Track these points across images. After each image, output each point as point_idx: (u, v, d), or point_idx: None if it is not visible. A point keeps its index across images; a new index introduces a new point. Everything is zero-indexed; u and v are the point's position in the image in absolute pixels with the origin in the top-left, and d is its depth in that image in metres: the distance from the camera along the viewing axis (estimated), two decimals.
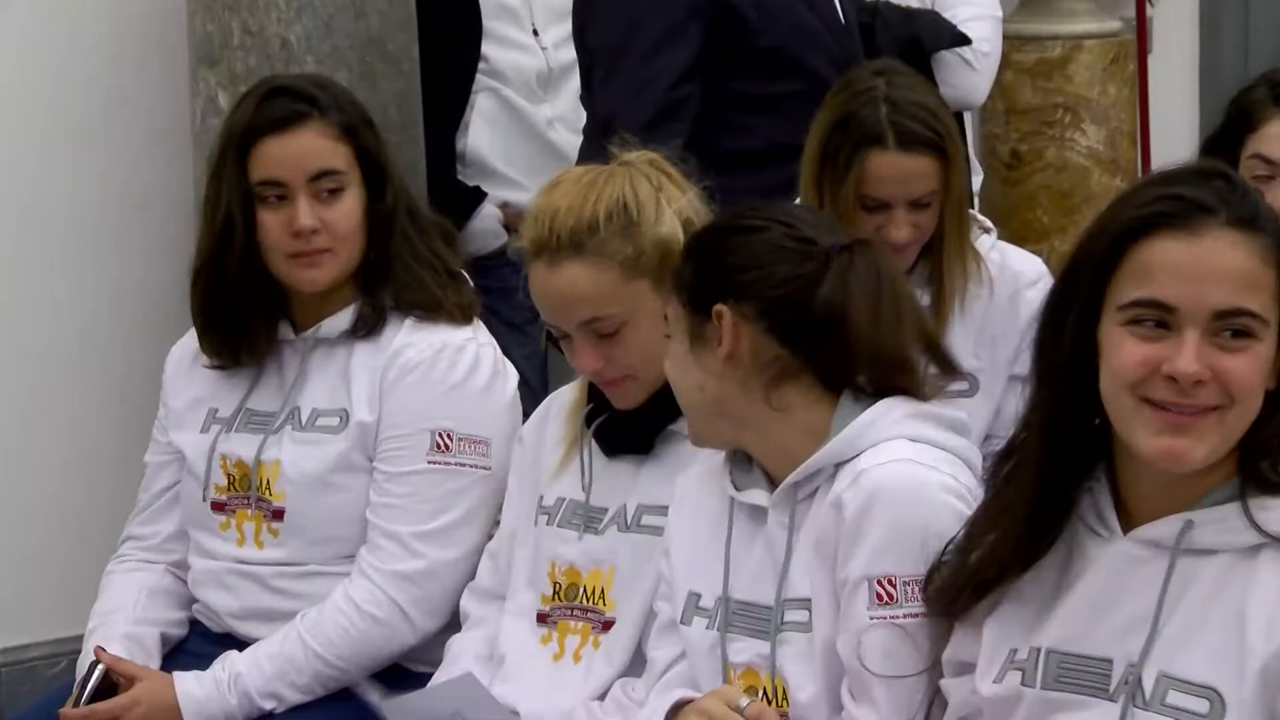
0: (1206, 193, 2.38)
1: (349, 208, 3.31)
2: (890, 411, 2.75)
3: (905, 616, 2.65)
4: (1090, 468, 2.51)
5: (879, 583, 2.63)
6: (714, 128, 4.11)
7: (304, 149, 3.29)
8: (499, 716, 2.98)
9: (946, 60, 5.01)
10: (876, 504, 2.64)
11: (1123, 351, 2.31)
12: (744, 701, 2.67)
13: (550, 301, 3.09)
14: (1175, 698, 2.36)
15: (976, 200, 4.86)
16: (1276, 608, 2.32)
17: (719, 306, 2.71)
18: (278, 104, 3.32)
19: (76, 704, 3.25)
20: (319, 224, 3.27)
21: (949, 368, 2.92)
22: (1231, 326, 2.31)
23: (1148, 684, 2.39)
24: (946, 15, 5.13)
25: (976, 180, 5.48)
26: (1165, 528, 2.39)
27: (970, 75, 5.05)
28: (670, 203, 3.07)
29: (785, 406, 2.76)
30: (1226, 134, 3.80)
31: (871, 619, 2.63)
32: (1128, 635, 2.41)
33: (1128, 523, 2.45)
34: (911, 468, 2.65)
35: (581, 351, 3.05)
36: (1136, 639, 2.39)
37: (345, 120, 3.33)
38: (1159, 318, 2.29)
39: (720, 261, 2.78)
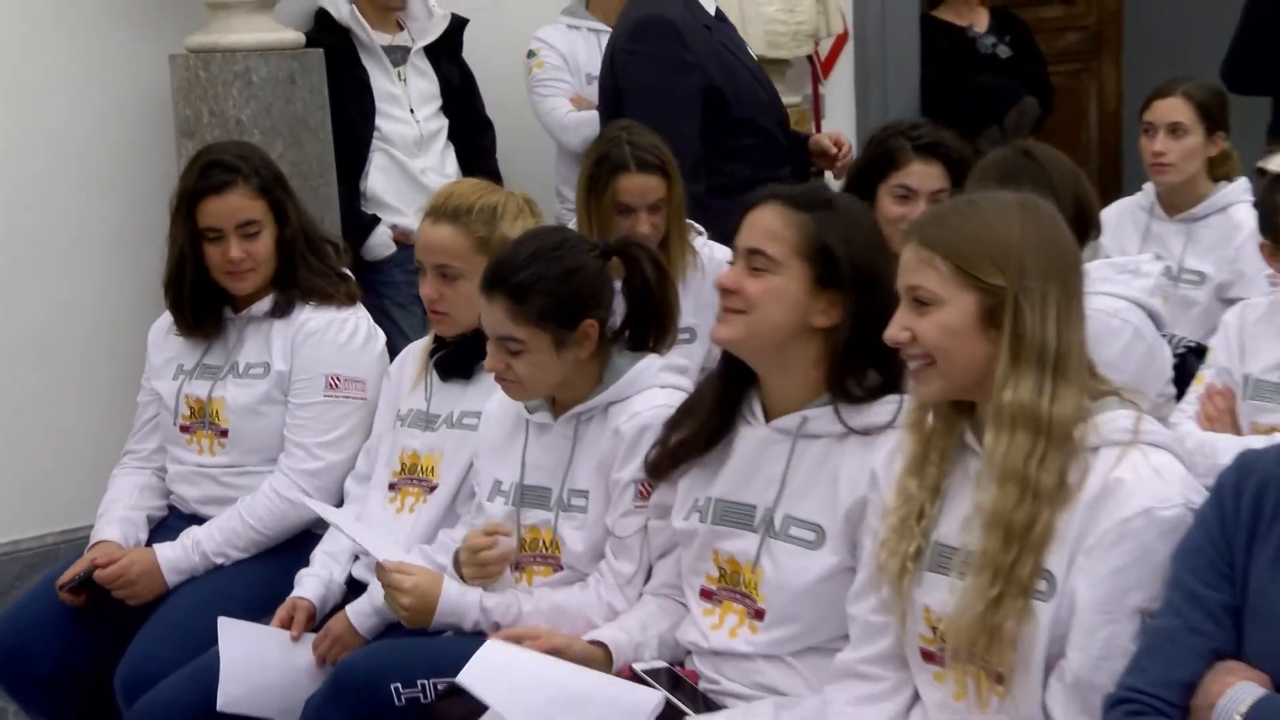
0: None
1: (264, 241, 3.67)
2: (650, 366, 3.13)
3: (654, 504, 3.02)
4: (749, 383, 2.86)
5: (640, 484, 3.03)
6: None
7: (232, 207, 3.62)
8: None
9: None
10: (644, 436, 3.01)
11: None
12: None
13: (426, 244, 3.44)
14: (794, 530, 2.73)
15: None
16: (855, 474, 2.66)
17: (588, 321, 3.06)
18: (214, 174, 3.63)
19: (71, 578, 3.58)
20: (245, 254, 3.64)
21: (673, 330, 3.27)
22: (752, 264, 2.73)
23: (777, 521, 2.75)
24: None
25: None
26: (790, 420, 2.76)
27: None
28: (519, 220, 3.43)
29: (582, 363, 3.11)
30: (871, 169, 4.04)
31: (635, 506, 3.04)
32: (765, 489, 2.78)
33: (768, 416, 2.81)
34: (665, 411, 3.01)
35: (428, 283, 3.41)
36: (771, 492, 2.78)
37: (261, 182, 3.67)
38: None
39: (582, 290, 3.07)
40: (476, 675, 2.72)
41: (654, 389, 3.10)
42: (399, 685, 2.92)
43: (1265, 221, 3.47)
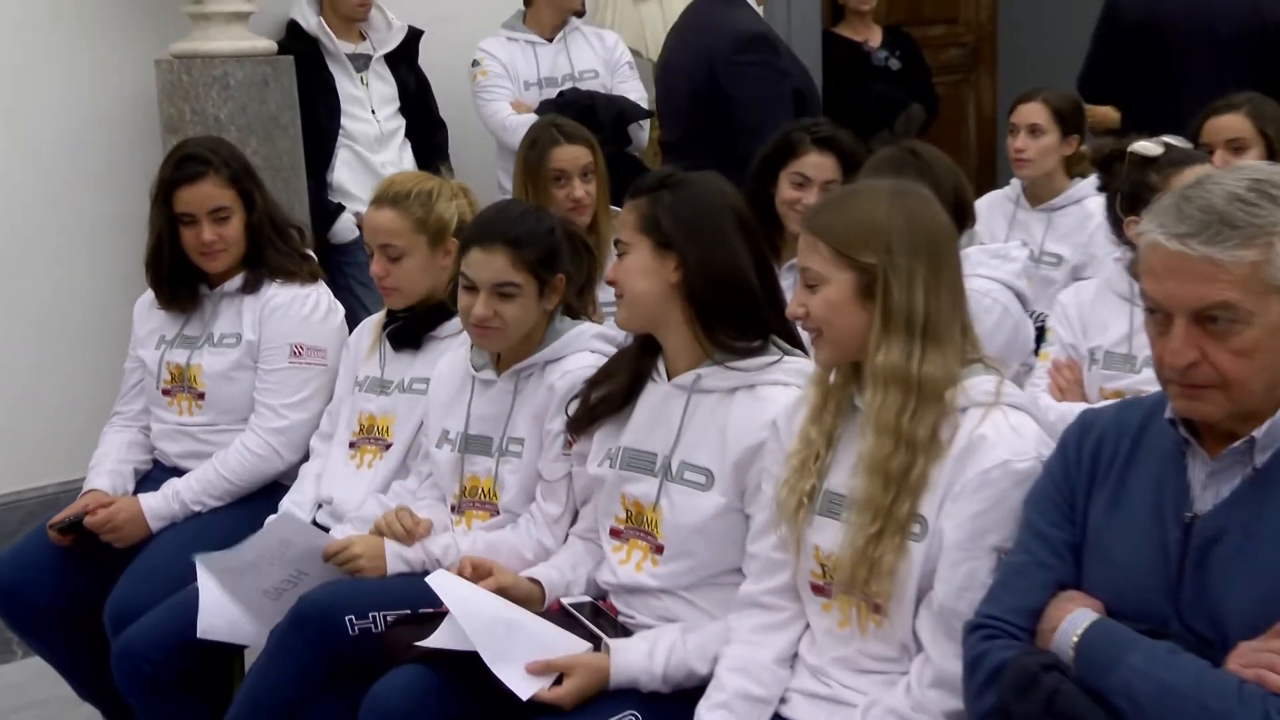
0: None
1: (234, 225, 3.65)
2: (584, 332, 3.14)
3: (576, 452, 3.03)
4: (657, 348, 2.85)
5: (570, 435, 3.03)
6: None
7: (205, 194, 3.60)
8: (312, 535, 3.20)
9: (639, 124, 5.48)
10: (574, 389, 3.01)
11: None
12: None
13: (372, 227, 3.45)
14: (688, 474, 2.74)
15: None
16: (741, 425, 2.68)
17: (560, 275, 3.10)
18: (188, 165, 3.61)
19: (61, 520, 3.56)
20: (216, 237, 3.62)
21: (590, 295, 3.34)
22: (619, 253, 2.79)
23: (674, 467, 2.76)
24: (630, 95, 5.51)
25: None
26: (686, 378, 2.77)
27: (640, 132, 5.52)
28: (453, 201, 3.46)
29: (540, 319, 3.11)
30: (774, 156, 3.97)
31: (563, 453, 3.04)
32: (664, 438, 2.79)
33: (669, 375, 2.82)
34: (592, 371, 3.01)
35: (377, 262, 3.43)
36: (669, 440, 2.78)
37: (230, 173, 3.64)
38: None
39: (554, 248, 3.09)
40: (440, 585, 2.76)
41: (585, 351, 3.10)
42: (353, 617, 2.91)
43: (1131, 199, 3.40)
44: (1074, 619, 2.07)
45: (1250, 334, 1.95)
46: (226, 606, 3.21)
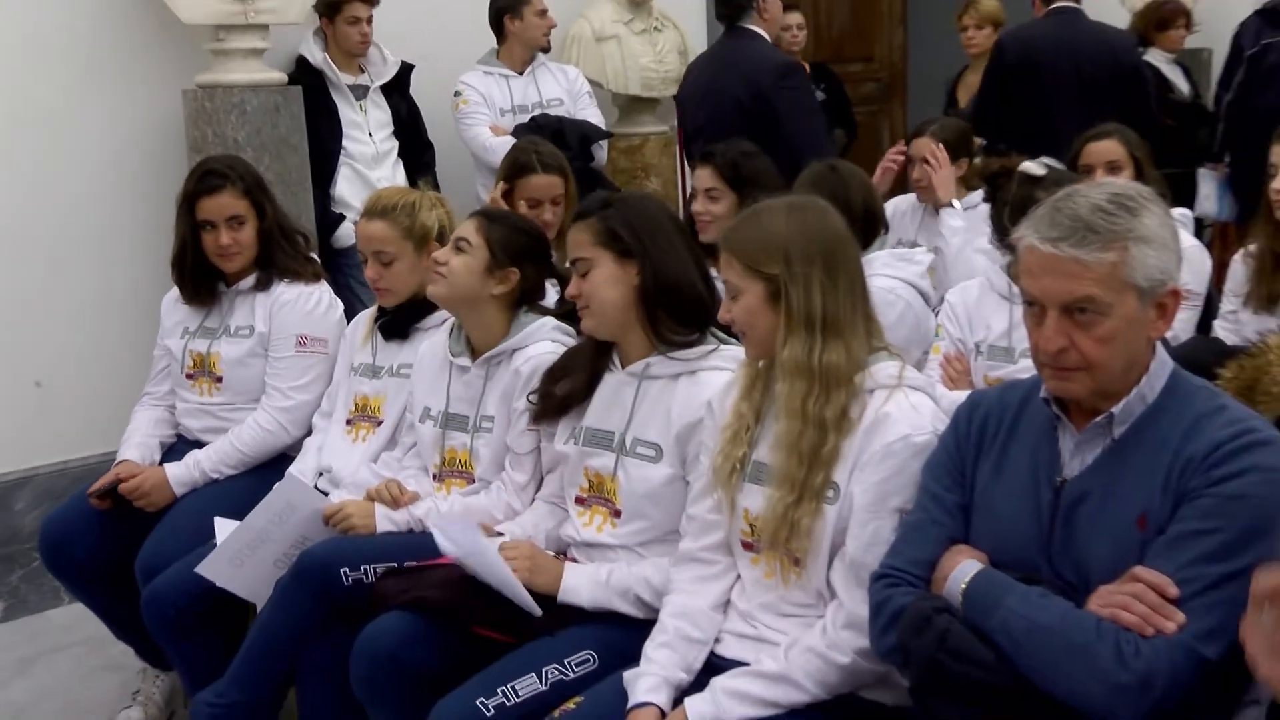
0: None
1: (248, 231, 3.63)
2: (545, 324, 3.11)
3: (544, 430, 3.00)
4: (610, 349, 2.82)
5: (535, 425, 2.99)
6: None
7: (223, 204, 3.58)
8: (314, 498, 3.17)
9: (599, 144, 5.48)
10: (536, 374, 2.99)
11: None
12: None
13: (364, 237, 3.41)
14: (640, 449, 2.73)
15: None
16: (683, 406, 2.67)
17: (513, 268, 3.08)
18: (208, 179, 3.59)
19: (99, 488, 3.55)
20: (233, 242, 3.60)
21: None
22: (580, 271, 2.71)
23: (628, 443, 2.74)
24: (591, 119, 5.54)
25: None
26: (637, 366, 2.76)
27: (600, 151, 5.53)
28: (433, 211, 3.42)
29: (497, 316, 3.10)
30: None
31: (528, 428, 3.02)
32: (620, 419, 2.77)
33: (623, 365, 2.80)
34: (551, 357, 3.00)
35: (370, 267, 3.40)
36: (623, 420, 2.76)
37: (245, 185, 3.62)
38: None
39: (522, 246, 3.10)
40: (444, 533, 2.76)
41: (546, 341, 3.08)
42: (347, 570, 2.89)
43: (1017, 212, 3.35)
44: (962, 569, 2.08)
45: (1110, 324, 1.96)
46: (237, 563, 3.16)
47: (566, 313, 3.02)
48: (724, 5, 5.41)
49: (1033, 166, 3.45)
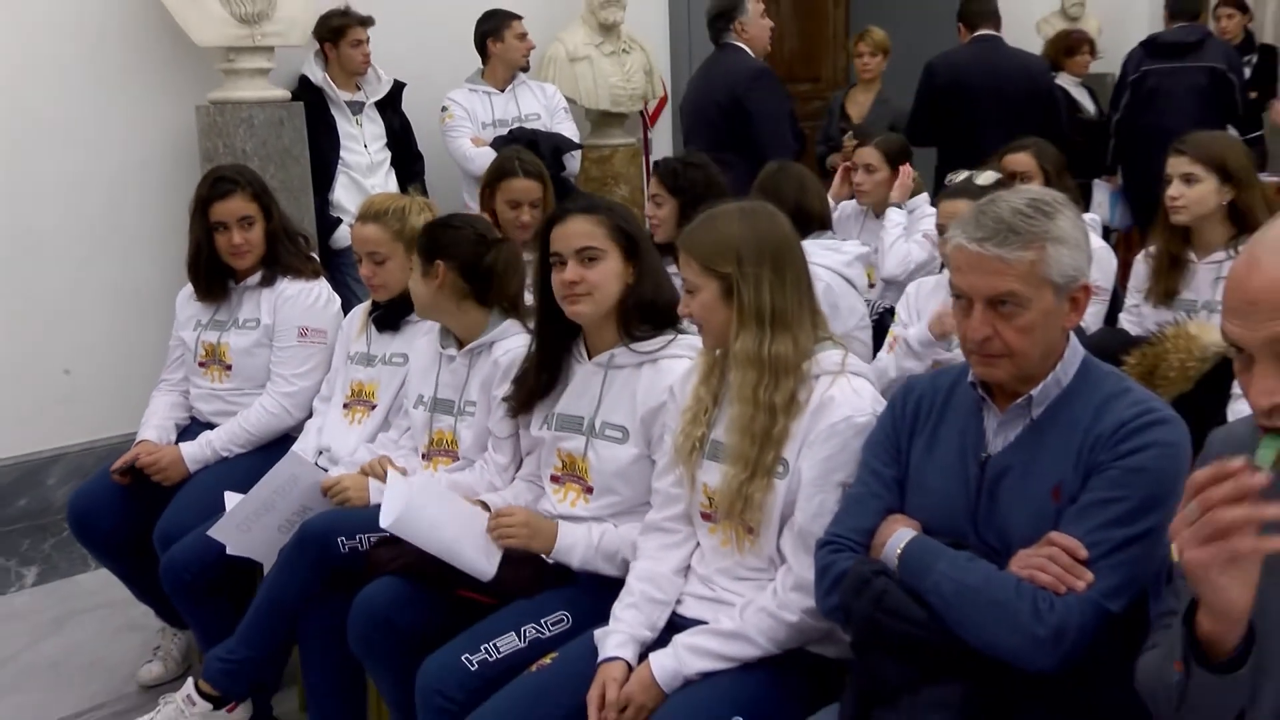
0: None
1: (256, 231, 3.60)
2: (515, 322, 3.06)
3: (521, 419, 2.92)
4: (574, 335, 2.77)
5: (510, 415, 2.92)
6: None
7: (234, 207, 3.56)
8: (314, 472, 3.16)
9: (571, 155, 5.45)
10: (514, 364, 2.93)
11: None
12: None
13: (359, 239, 3.37)
14: (608, 431, 2.69)
15: None
16: (647, 391, 2.64)
17: (437, 261, 3.02)
18: (220, 185, 3.57)
19: (121, 465, 3.55)
20: (244, 241, 3.58)
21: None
22: (585, 257, 2.62)
23: (597, 426, 2.71)
24: (565, 132, 5.51)
25: None
26: (603, 356, 2.71)
27: (573, 161, 5.49)
28: (421, 215, 3.35)
29: (468, 310, 3.07)
30: None
31: (504, 416, 2.95)
32: (589, 404, 2.74)
33: (590, 355, 2.75)
34: (524, 349, 2.91)
35: (365, 266, 3.37)
36: (592, 406, 2.73)
37: (253, 190, 3.59)
38: None
39: (440, 241, 3.03)
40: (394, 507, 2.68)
41: (518, 335, 3.05)
42: (343, 538, 2.87)
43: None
44: (898, 536, 2.06)
45: (1029, 316, 1.96)
46: (244, 529, 3.15)
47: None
48: (710, 28, 5.50)
49: (989, 175, 3.53)
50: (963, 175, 3.56)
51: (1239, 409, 2.93)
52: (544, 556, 2.68)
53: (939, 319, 3.49)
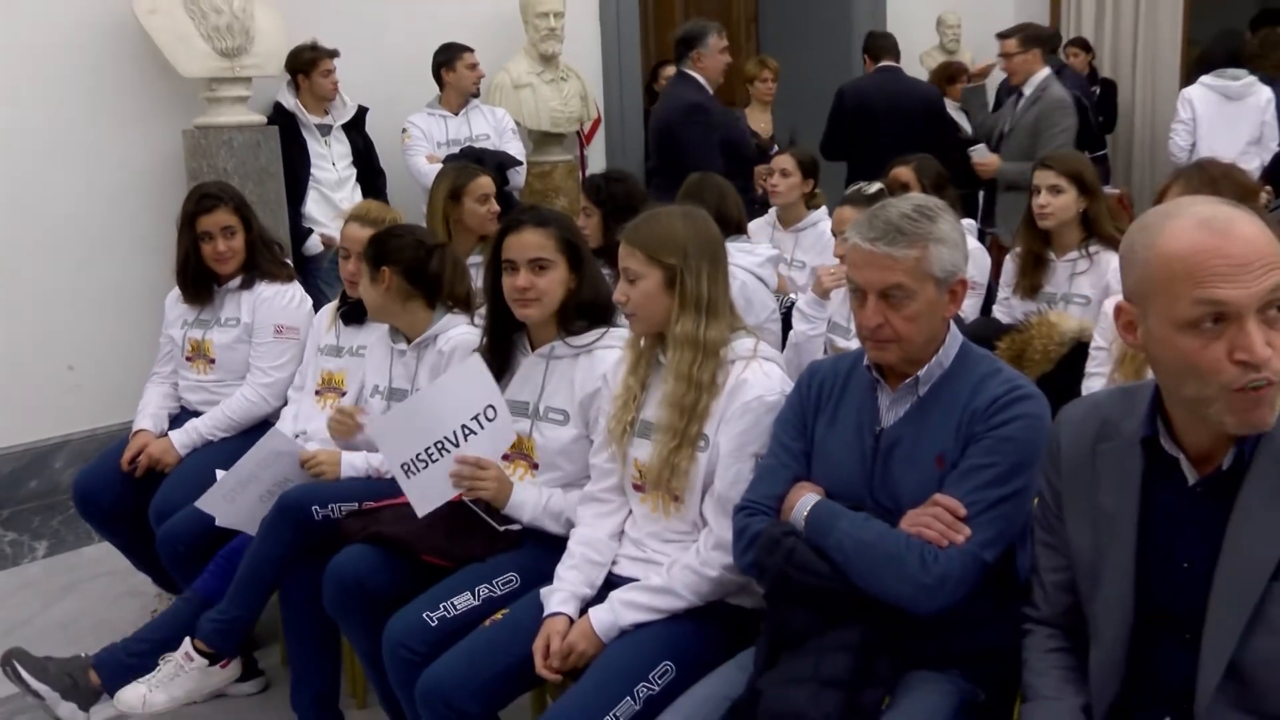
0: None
1: (238, 240, 3.52)
2: (460, 319, 3.01)
3: None
4: (518, 330, 2.71)
5: None
6: None
7: (218, 219, 3.48)
8: (293, 446, 3.08)
9: (515, 170, 5.41)
10: (457, 351, 2.91)
11: None
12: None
13: (352, 238, 3.28)
14: (551, 415, 2.66)
15: None
16: (584, 379, 2.60)
17: (383, 267, 2.96)
18: (205, 200, 3.50)
19: (129, 459, 3.46)
20: (227, 248, 3.50)
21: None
22: (536, 267, 2.54)
23: (541, 410, 2.67)
24: (511, 151, 5.45)
25: None
26: (545, 349, 2.67)
27: (517, 176, 5.46)
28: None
29: (413, 310, 3.00)
30: None
31: None
32: (533, 391, 2.69)
33: (533, 348, 2.70)
34: (468, 338, 2.89)
35: (352, 262, 3.26)
36: (536, 393, 2.69)
37: (235, 204, 3.52)
38: None
39: (385, 249, 2.97)
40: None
41: (459, 325, 3.00)
42: (318, 508, 2.82)
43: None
44: (804, 500, 2.05)
45: (915, 306, 1.96)
46: (230, 502, 3.07)
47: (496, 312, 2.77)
48: (674, 50, 5.49)
49: (868, 187, 3.59)
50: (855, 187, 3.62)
51: (1090, 385, 2.97)
52: (496, 515, 2.64)
53: (817, 280, 3.51)
